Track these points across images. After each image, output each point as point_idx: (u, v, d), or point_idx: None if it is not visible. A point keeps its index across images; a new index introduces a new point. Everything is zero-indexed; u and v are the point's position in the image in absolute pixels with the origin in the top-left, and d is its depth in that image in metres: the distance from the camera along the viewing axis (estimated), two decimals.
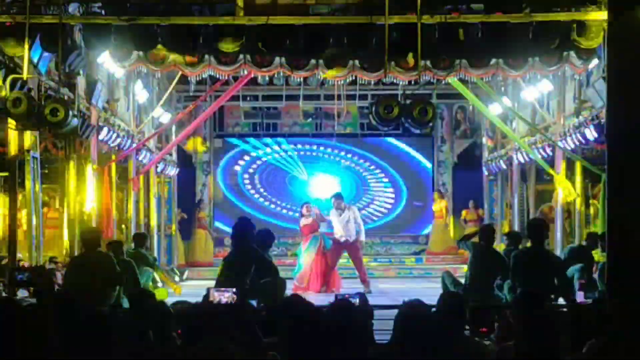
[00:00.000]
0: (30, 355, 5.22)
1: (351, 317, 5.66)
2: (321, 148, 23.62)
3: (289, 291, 11.36)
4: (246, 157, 23.63)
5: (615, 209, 4.88)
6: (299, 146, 23.61)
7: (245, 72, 13.62)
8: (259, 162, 23.61)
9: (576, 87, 15.12)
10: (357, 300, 6.75)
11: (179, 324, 5.74)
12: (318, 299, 6.71)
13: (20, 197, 13.00)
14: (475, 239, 12.02)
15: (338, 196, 16.17)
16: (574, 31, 11.46)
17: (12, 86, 11.29)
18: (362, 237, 15.99)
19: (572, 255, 12.78)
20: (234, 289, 6.16)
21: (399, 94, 14.16)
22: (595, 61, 12.41)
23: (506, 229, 19.35)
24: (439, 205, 22.33)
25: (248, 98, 22.23)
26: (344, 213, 15.71)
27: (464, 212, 22.09)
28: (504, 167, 20.18)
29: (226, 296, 6.31)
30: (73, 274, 10.30)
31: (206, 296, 7.58)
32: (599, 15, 11.25)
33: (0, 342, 5.14)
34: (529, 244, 11.42)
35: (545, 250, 11.11)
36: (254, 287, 10.38)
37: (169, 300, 9.87)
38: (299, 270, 15.60)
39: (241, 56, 12.37)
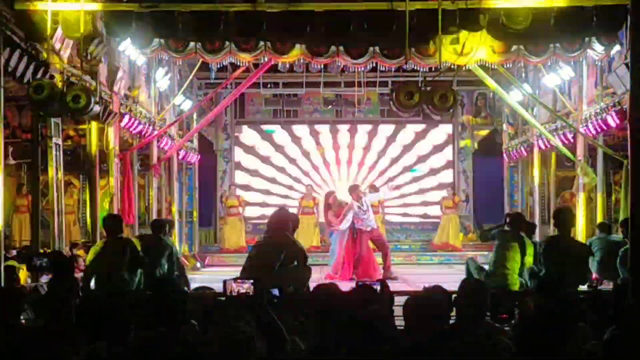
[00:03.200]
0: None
1: (371, 303, 5.69)
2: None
3: (324, 280, 11.30)
4: (266, 144, 23.67)
5: (637, 194, 4.85)
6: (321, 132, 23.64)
7: (266, 59, 13.64)
8: (279, 149, 23.66)
9: (598, 73, 15.03)
10: (378, 287, 6.76)
11: (197, 309, 5.79)
12: (349, 286, 6.70)
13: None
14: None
15: (354, 187, 16.15)
16: (596, 17, 11.38)
17: (35, 73, 11.34)
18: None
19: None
20: (252, 281, 6.15)
21: (420, 80, 14.12)
22: (617, 47, 12.33)
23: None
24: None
25: (269, 85, 22.31)
26: (363, 202, 15.67)
27: (443, 200, 21.97)
28: (525, 153, 20.11)
29: (245, 287, 6.30)
30: (95, 260, 10.37)
31: (224, 288, 7.61)
32: (621, 1, 11.17)
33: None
34: (555, 232, 11.34)
35: (572, 238, 11.06)
36: (279, 273, 10.37)
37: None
38: (333, 259, 15.63)
39: (262, 43, 12.38)
